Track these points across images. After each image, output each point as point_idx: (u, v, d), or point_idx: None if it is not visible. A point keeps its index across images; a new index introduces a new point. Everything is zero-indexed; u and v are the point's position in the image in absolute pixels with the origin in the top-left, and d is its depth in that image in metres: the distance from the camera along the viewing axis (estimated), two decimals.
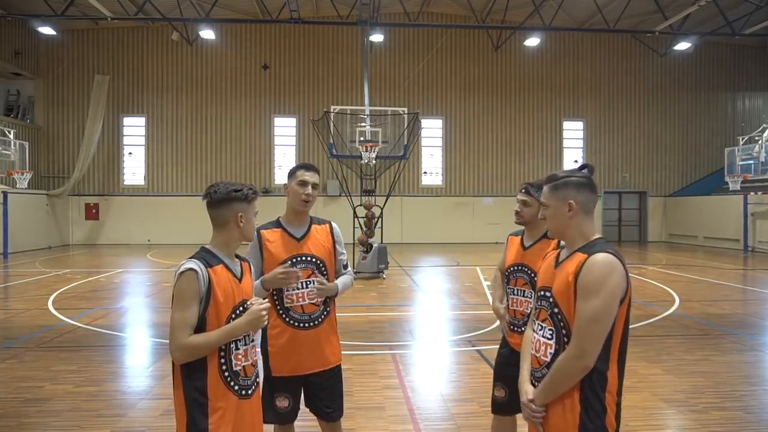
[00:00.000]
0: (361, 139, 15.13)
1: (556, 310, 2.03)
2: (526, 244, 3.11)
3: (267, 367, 2.83)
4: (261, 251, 2.91)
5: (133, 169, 23.30)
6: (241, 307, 2.25)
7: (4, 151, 18.91)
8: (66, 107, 22.76)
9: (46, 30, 18.62)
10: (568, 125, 24.69)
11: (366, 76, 19.02)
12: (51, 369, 5.58)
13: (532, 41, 20.84)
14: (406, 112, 17.38)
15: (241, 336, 2.23)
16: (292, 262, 2.91)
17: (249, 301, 2.29)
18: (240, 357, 2.24)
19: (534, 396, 2.06)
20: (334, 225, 3.12)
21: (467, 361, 6.00)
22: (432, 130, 23.87)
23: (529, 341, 2.24)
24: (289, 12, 17.28)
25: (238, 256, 2.38)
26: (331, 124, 15.46)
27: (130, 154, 23.32)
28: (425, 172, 24.06)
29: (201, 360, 2.14)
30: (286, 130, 23.62)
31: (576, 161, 24.61)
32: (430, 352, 6.52)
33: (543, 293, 2.15)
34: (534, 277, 2.99)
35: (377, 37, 20.69)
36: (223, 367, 2.18)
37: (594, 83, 24.54)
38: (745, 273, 14.22)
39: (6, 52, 20.46)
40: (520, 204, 3.09)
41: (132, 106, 23.10)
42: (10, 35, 20.53)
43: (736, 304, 9.46)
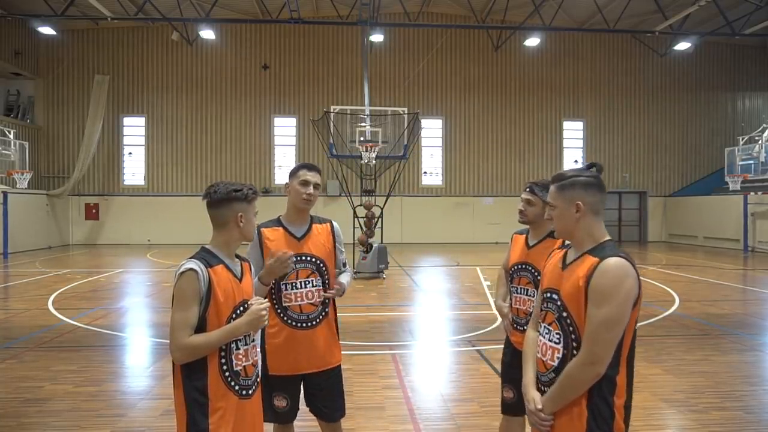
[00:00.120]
0: (361, 139, 15.13)
1: (565, 314, 1.98)
2: (531, 243, 3.11)
3: (264, 366, 2.83)
4: (261, 249, 2.90)
5: (133, 169, 23.30)
6: (241, 307, 2.25)
7: (4, 151, 18.92)
8: (66, 107, 22.77)
9: (46, 30, 18.62)
10: (568, 125, 24.69)
11: (366, 76, 19.02)
12: (51, 369, 5.58)
13: (532, 41, 20.84)
14: (406, 112, 17.38)
15: (242, 336, 2.23)
16: (293, 261, 2.90)
17: (249, 300, 2.30)
18: (240, 357, 2.24)
19: (543, 404, 2.01)
20: (334, 224, 3.13)
21: (467, 361, 6.00)
22: (432, 130, 23.87)
23: (531, 343, 2.20)
24: (289, 12, 17.28)
25: (238, 256, 2.38)
26: (331, 124, 15.46)
27: (130, 154, 23.33)
28: (425, 172, 24.06)
29: (201, 360, 2.14)
30: (286, 130, 23.63)
31: (576, 161, 24.61)
32: (430, 352, 6.52)
33: (549, 295, 2.09)
34: (538, 276, 2.99)
35: (377, 37, 20.69)
36: (224, 367, 2.18)
37: (594, 83, 24.54)
38: (745, 273, 14.22)
39: (6, 52, 20.46)
40: (524, 203, 3.08)
41: (132, 106, 23.10)
42: (10, 35, 20.53)
43: (736, 304, 9.46)
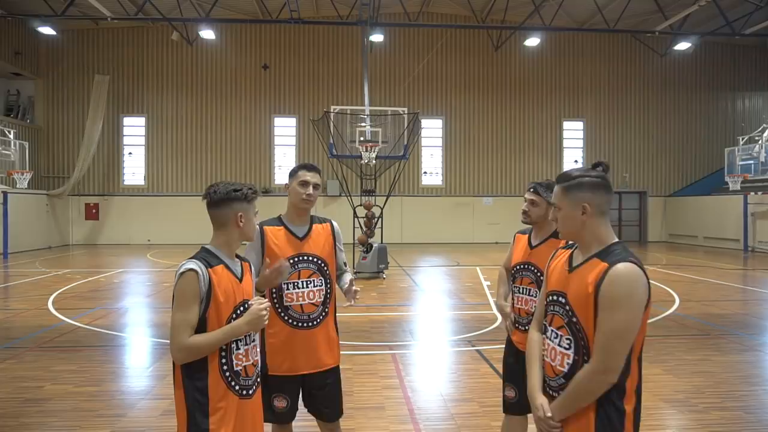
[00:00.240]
0: (361, 139, 15.11)
1: (575, 320, 1.92)
2: (534, 243, 3.10)
3: (264, 366, 2.83)
4: (263, 247, 2.89)
5: (133, 169, 23.30)
6: (241, 307, 2.25)
7: (4, 151, 18.93)
8: (66, 107, 22.77)
9: (46, 30, 18.63)
10: (568, 125, 24.69)
11: (366, 76, 19.01)
12: (51, 369, 5.58)
13: (532, 41, 20.84)
14: (406, 112, 17.36)
15: (242, 336, 2.23)
16: (295, 261, 2.91)
17: (250, 300, 2.30)
18: (241, 357, 2.24)
19: (552, 411, 1.96)
20: (334, 224, 3.14)
21: (467, 361, 6.00)
22: (432, 130, 23.87)
23: (536, 345, 2.15)
24: (289, 12, 17.28)
25: (238, 256, 2.38)
26: (331, 124, 15.44)
27: (130, 154, 23.33)
28: (425, 172, 24.06)
29: (202, 360, 2.14)
30: (286, 130, 23.63)
31: (576, 161, 24.62)
32: (430, 352, 6.52)
33: (556, 298, 2.04)
34: (540, 276, 2.99)
35: (377, 37, 20.67)
36: (224, 367, 2.18)
37: (594, 83, 24.53)
38: (745, 273, 14.22)
39: (6, 52, 20.46)
40: (527, 203, 3.07)
41: (132, 106, 23.10)
42: (10, 35, 20.52)
43: (736, 304, 9.46)
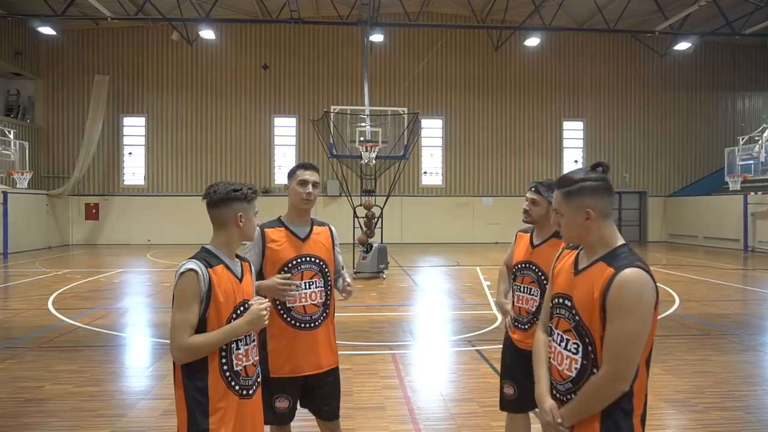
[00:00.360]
0: (361, 139, 15.10)
1: (582, 324, 1.90)
2: (536, 242, 3.10)
3: (265, 369, 2.81)
4: (263, 249, 2.89)
5: (133, 169, 23.30)
6: (241, 307, 2.25)
7: (4, 151, 18.93)
8: (66, 107, 22.77)
9: (46, 30, 18.63)
10: (568, 125, 24.69)
11: (366, 76, 19.01)
12: (51, 369, 5.58)
13: (532, 41, 20.84)
14: (406, 112, 17.35)
15: (242, 336, 2.23)
16: (297, 262, 2.91)
17: (250, 301, 2.29)
18: (241, 357, 2.24)
19: (562, 417, 1.94)
20: (332, 227, 3.16)
21: (467, 361, 6.00)
22: (432, 130, 23.86)
23: (543, 346, 2.12)
24: (289, 12, 17.28)
25: (238, 255, 2.38)
26: (331, 124, 15.43)
27: (130, 154, 23.33)
28: (425, 172, 24.06)
29: (202, 360, 2.14)
30: (286, 130, 23.63)
31: (576, 161, 24.62)
32: (430, 352, 6.52)
33: (561, 300, 2.00)
34: (541, 276, 2.99)
35: (377, 37, 20.67)
36: (224, 367, 2.18)
37: (594, 83, 24.53)
38: (745, 273, 14.22)
39: (6, 52, 20.46)
40: (529, 203, 3.08)
41: (132, 106, 23.10)
42: (10, 35, 20.52)
43: (736, 304, 9.46)
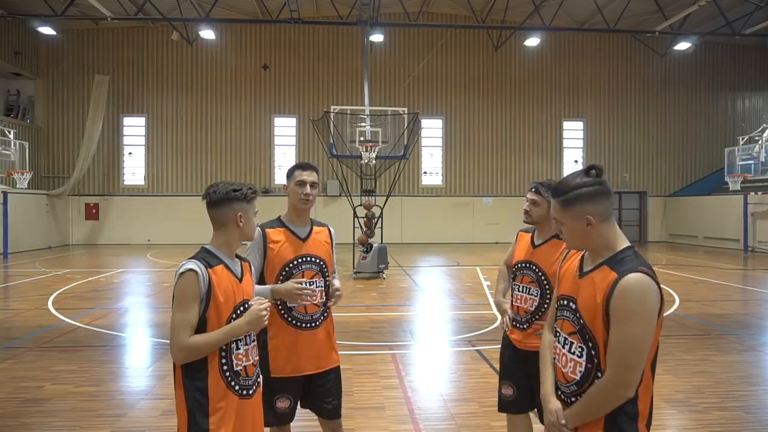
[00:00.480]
0: (361, 139, 15.10)
1: (586, 327, 1.88)
2: (536, 243, 3.10)
3: (266, 369, 2.80)
4: (264, 250, 2.89)
5: (133, 169, 23.30)
6: (241, 307, 2.25)
7: (4, 151, 18.93)
8: (66, 107, 22.77)
9: (46, 30, 18.63)
10: (568, 125, 24.69)
11: (366, 76, 19.01)
12: (51, 369, 5.58)
13: (532, 41, 20.84)
14: (406, 112, 17.35)
15: (242, 336, 2.23)
16: (298, 261, 2.91)
17: (249, 301, 2.29)
18: (241, 357, 2.24)
19: (567, 419, 1.92)
20: (331, 229, 3.16)
21: (467, 361, 6.00)
22: (432, 130, 23.87)
23: (548, 346, 2.12)
24: (289, 12, 17.28)
25: (238, 256, 2.38)
26: (331, 124, 15.43)
27: (130, 154, 23.33)
28: (425, 172, 24.06)
29: (202, 360, 2.14)
30: (286, 130, 23.63)
31: (576, 161, 24.62)
32: (430, 352, 6.52)
33: (566, 302, 1.99)
34: (541, 276, 3.00)
35: (377, 37, 20.67)
36: (224, 367, 2.18)
37: (594, 83, 24.53)
38: (745, 273, 14.22)
39: (6, 52, 20.46)
40: (529, 203, 3.08)
41: (132, 106, 23.10)
42: (10, 35, 20.52)
43: (736, 304, 9.46)
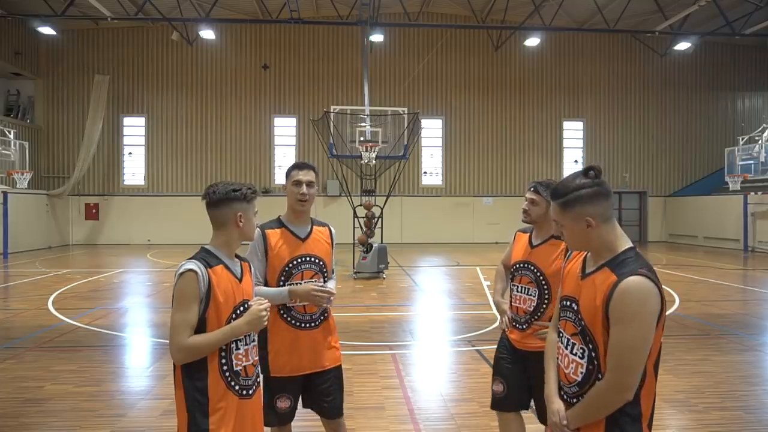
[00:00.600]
0: (361, 139, 15.10)
1: (587, 329, 1.88)
2: (534, 243, 3.09)
3: (266, 369, 2.80)
4: (265, 250, 2.88)
5: (133, 169, 23.30)
6: (241, 307, 2.25)
7: (4, 151, 18.93)
8: (66, 107, 22.77)
9: (46, 30, 18.63)
10: (568, 125, 24.69)
11: (366, 76, 19.00)
12: (51, 369, 5.58)
13: (532, 41, 20.84)
14: (406, 112, 17.35)
15: (242, 336, 2.23)
16: (298, 261, 2.90)
17: (249, 301, 2.29)
18: (241, 357, 2.24)
19: (568, 419, 1.92)
20: (332, 229, 3.14)
21: (467, 361, 6.00)
22: (432, 130, 23.86)
23: (553, 347, 2.12)
24: (289, 12, 17.28)
25: (238, 256, 2.38)
26: (331, 124, 15.43)
27: (130, 154, 23.33)
28: (425, 172, 24.06)
29: (202, 360, 2.14)
30: (286, 130, 23.63)
31: (576, 161, 24.62)
32: (430, 352, 6.52)
33: (569, 303, 1.99)
34: (540, 276, 2.99)
35: (377, 37, 20.67)
36: (224, 367, 2.18)
37: (594, 83, 24.54)
38: (745, 273, 14.22)
39: (6, 52, 20.46)
40: (528, 203, 3.07)
41: (132, 106, 23.11)
42: (10, 35, 20.52)
43: (736, 304, 9.46)
